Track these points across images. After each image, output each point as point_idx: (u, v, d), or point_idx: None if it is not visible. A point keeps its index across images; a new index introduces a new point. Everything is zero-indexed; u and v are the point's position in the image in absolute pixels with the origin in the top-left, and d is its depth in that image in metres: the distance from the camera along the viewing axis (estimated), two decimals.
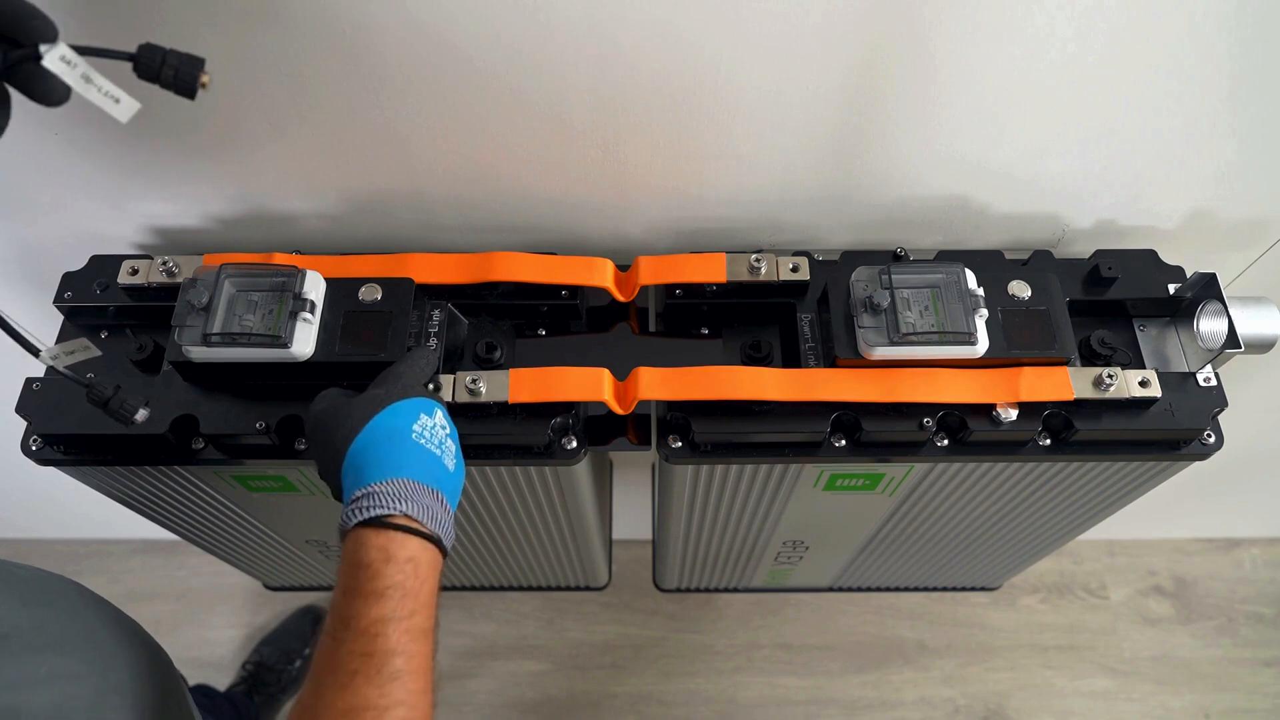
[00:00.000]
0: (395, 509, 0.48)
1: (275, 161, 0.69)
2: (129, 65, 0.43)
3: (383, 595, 0.46)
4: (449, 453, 0.53)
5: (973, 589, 1.23)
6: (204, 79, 0.44)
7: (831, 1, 0.54)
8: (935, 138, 0.66)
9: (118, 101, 0.43)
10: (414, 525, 0.49)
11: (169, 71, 0.43)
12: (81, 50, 0.42)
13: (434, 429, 0.53)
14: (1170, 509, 1.45)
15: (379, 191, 0.72)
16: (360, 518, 0.48)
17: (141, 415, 0.61)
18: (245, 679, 1.41)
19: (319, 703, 0.44)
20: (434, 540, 0.49)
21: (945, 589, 1.24)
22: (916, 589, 1.24)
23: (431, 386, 0.64)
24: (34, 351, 0.54)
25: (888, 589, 1.23)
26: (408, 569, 0.47)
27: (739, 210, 0.74)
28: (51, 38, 0.41)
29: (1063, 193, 0.72)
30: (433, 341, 0.68)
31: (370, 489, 0.49)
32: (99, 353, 0.59)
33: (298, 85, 0.61)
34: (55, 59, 0.41)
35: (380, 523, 0.48)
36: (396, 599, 0.46)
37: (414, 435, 0.51)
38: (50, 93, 0.42)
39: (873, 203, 0.73)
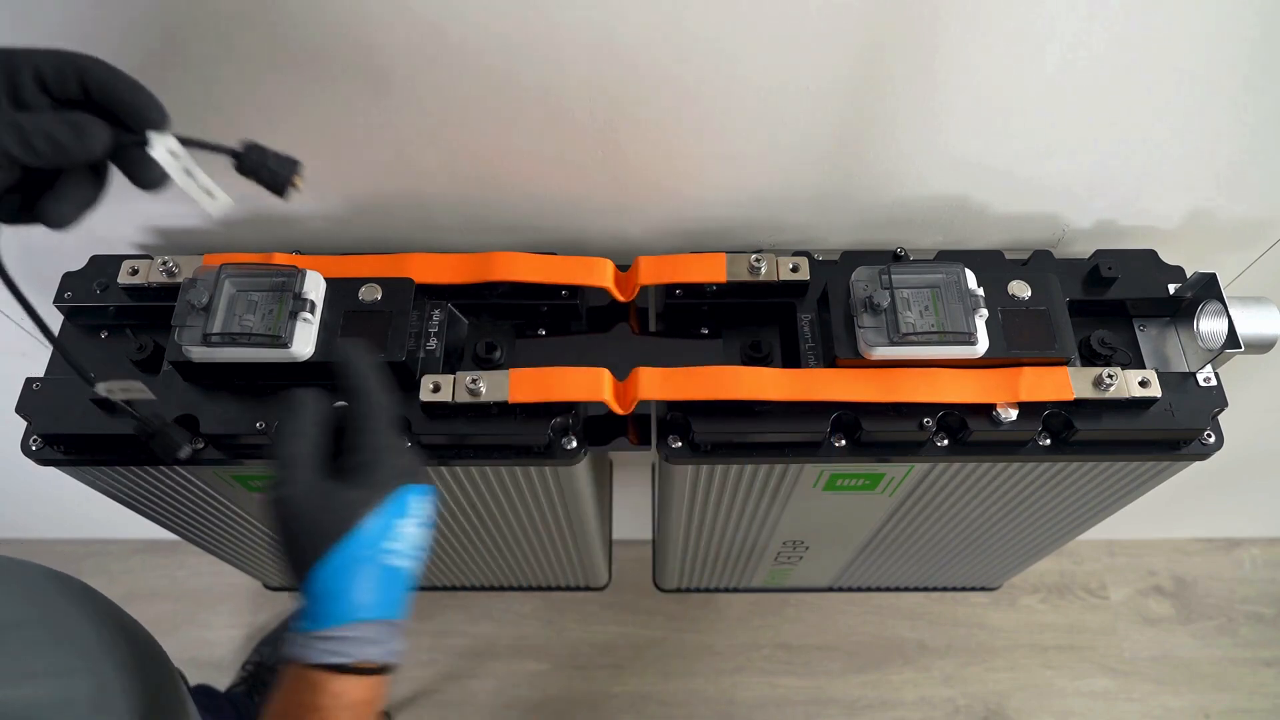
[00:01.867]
0: (358, 656, 0.45)
1: None
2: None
3: None
4: (420, 553, 0.49)
5: (973, 589, 1.23)
6: (297, 181, 0.45)
7: (832, 1, 0.54)
8: (935, 137, 0.66)
9: (213, 197, 0.44)
10: (372, 666, 0.46)
11: (266, 173, 0.45)
12: (186, 142, 0.43)
13: (410, 536, 0.48)
14: (1170, 509, 1.45)
15: (379, 192, 0.72)
16: (318, 660, 0.45)
17: (185, 453, 0.62)
18: (245, 679, 1.41)
19: None
20: (387, 671, 0.47)
21: (945, 589, 1.24)
22: (916, 589, 1.24)
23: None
24: (89, 382, 0.55)
25: (888, 589, 1.23)
26: (361, 711, 0.45)
27: (739, 210, 0.74)
28: (161, 126, 0.42)
29: (1063, 193, 0.72)
30: (433, 342, 0.68)
31: (332, 633, 0.45)
32: (154, 397, 0.59)
33: (297, 85, 0.61)
34: (162, 150, 0.42)
35: (340, 668, 0.45)
36: None
37: (388, 558, 0.47)
38: (151, 180, 0.43)
39: (873, 203, 0.73)
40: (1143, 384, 0.65)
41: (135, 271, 0.70)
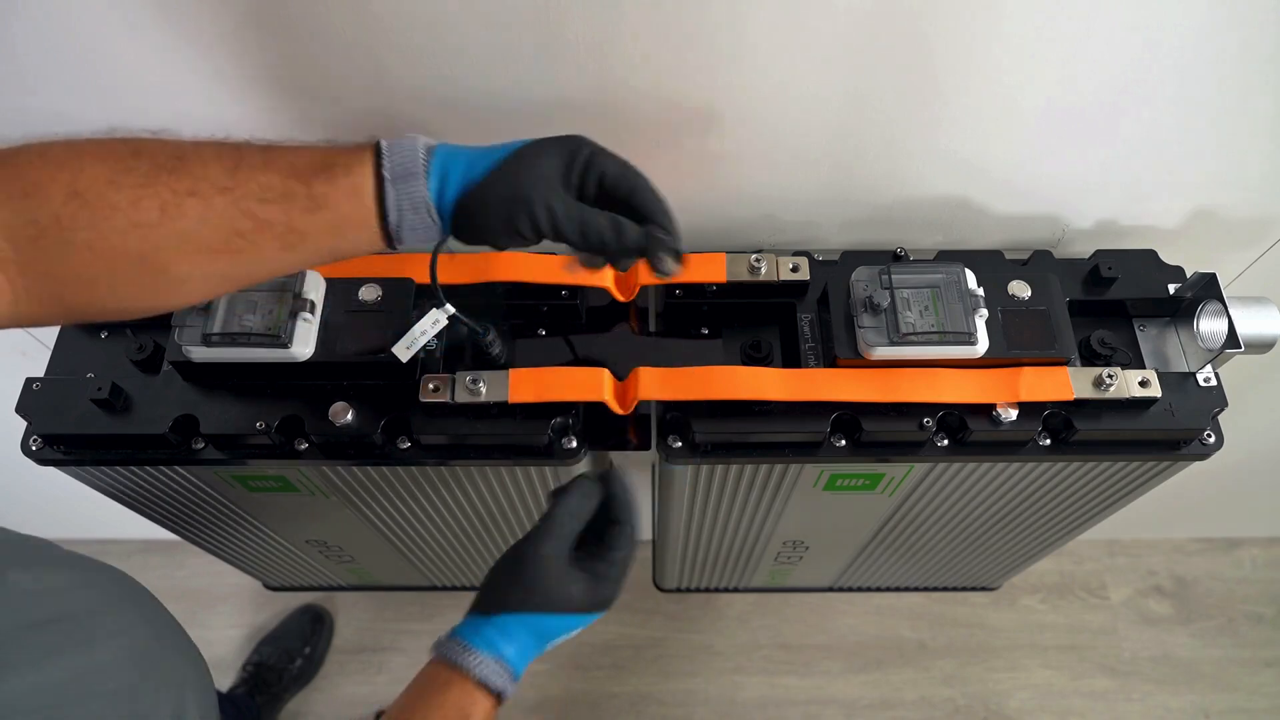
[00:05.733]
0: (508, 691, 0.55)
1: None
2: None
3: None
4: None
5: (973, 589, 1.23)
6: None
7: (833, 4, 0.54)
8: (936, 138, 0.66)
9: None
10: (501, 705, 0.55)
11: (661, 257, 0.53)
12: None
13: (569, 638, 0.58)
14: (1170, 509, 1.45)
15: None
16: (489, 682, 0.53)
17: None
18: (246, 679, 1.41)
19: None
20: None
21: (945, 589, 1.24)
22: (916, 589, 1.24)
23: (431, 385, 0.65)
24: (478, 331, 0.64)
25: (888, 589, 1.23)
26: None
27: (739, 210, 0.74)
28: (673, 239, 0.52)
29: (1063, 193, 0.72)
30: (433, 341, 0.68)
31: (509, 668, 0.54)
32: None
33: (300, 86, 0.61)
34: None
35: (494, 693, 0.54)
36: None
37: (552, 642, 0.57)
38: (661, 273, 0.53)
39: (873, 203, 0.73)
40: (1143, 384, 0.65)
41: None
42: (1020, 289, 0.66)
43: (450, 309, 0.59)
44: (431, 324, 0.60)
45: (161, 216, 0.43)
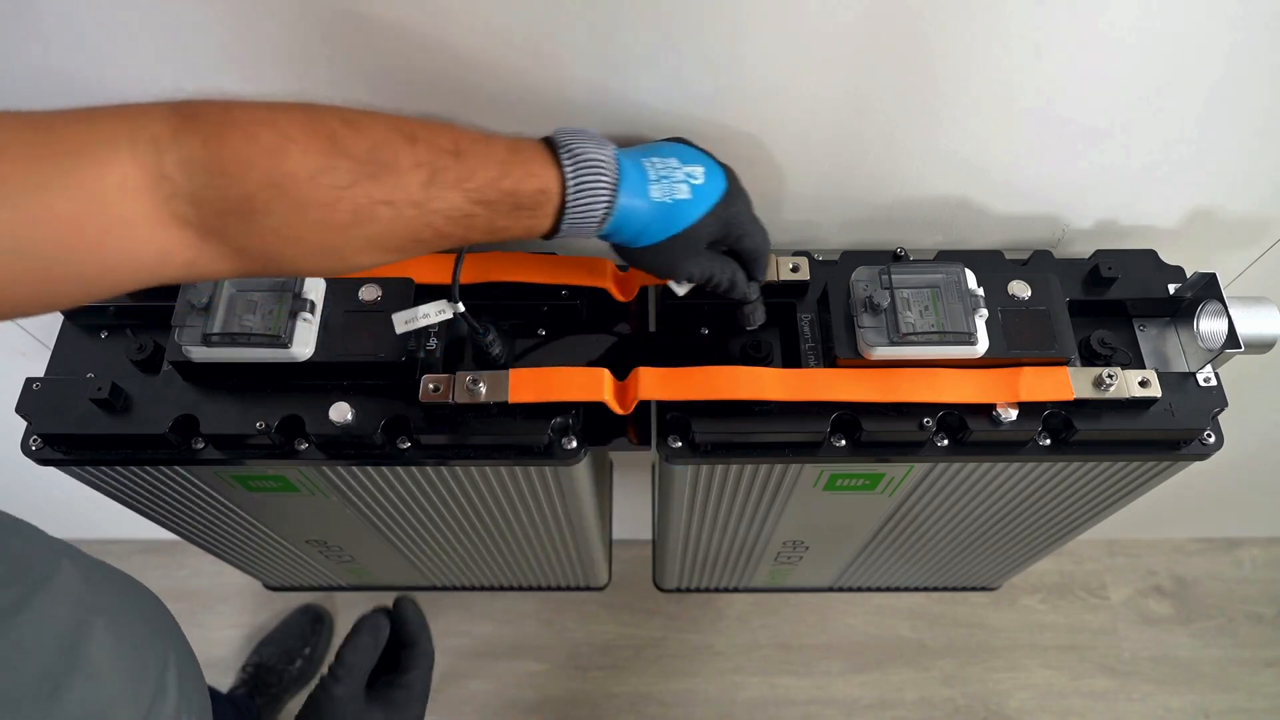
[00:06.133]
0: None
1: None
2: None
3: None
4: None
5: (973, 589, 1.23)
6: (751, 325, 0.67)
7: (833, 4, 0.54)
8: (936, 138, 0.66)
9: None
10: None
11: (748, 312, 0.66)
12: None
13: None
14: (1170, 509, 1.45)
15: None
16: None
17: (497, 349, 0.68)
18: (246, 680, 1.41)
19: None
20: None
21: (945, 589, 1.24)
22: (916, 589, 1.24)
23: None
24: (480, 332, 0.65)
25: (888, 589, 1.23)
26: None
27: None
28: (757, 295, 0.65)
29: (1063, 193, 0.72)
30: (433, 342, 0.68)
31: None
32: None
33: (301, 84, 0.61)
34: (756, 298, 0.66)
35: None
36: None
37: None
38: (746, 325, 0.67)
39: (873, 203, 0.73)
40: (1143, 384, 0.65)
41: None
42: (1020, 289, 0.66)
43: (461, 306, 0.60)
44: (436, 311, 0.60)
45: (353, 220, 0.44)
